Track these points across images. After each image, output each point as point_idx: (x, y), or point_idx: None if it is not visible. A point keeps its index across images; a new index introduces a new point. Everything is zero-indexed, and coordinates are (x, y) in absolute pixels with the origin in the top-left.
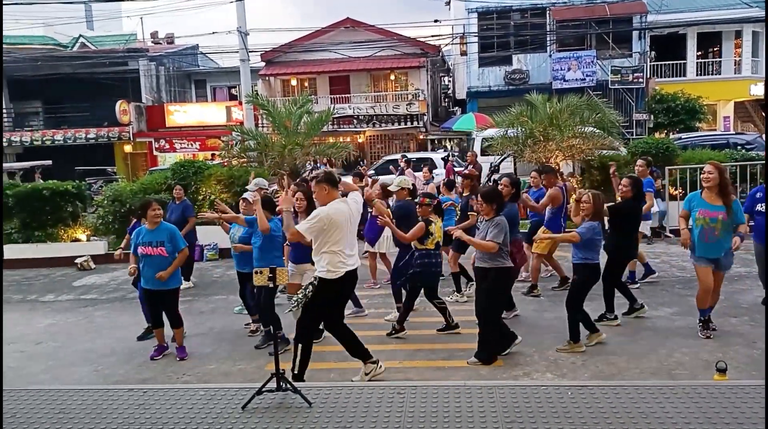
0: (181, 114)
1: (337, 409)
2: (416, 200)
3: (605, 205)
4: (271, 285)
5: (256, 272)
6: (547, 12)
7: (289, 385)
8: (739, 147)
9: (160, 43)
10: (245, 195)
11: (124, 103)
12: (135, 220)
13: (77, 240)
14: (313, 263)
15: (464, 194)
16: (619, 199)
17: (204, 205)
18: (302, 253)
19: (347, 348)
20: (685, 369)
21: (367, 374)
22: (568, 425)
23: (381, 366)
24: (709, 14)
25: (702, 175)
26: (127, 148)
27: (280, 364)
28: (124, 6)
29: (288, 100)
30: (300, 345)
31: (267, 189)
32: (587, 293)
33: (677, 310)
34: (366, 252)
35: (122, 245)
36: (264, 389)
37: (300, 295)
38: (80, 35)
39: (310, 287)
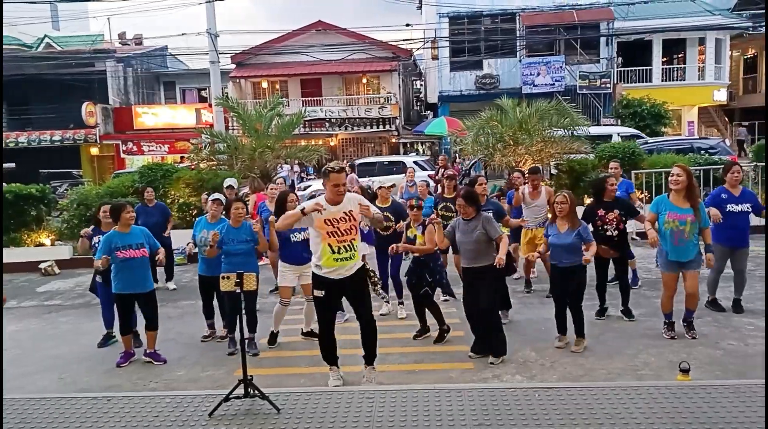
0: (150, 116)
1: (306, 414)
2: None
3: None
4: (238, 290)
5: (223, 277)
6: (517, 17)
7: (257, 391)
8: (702, 151)
9: (128, 44)
10: (216, 196)
11: (91, 105)
12: (93, 226)
13: (41, 244)
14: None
15: (445, 195)
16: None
17: (172, 208)
18: (299, 254)
19: (327, 352)
20: (651, 369)
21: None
22: (535, 427)
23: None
24: (673, 21)
25: (670, 178)
26: (94, 151)
27: (248, 370)
28: (91, 6)
29: (259, 103)
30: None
31: (236, 189)
32: None
33: (643, 312)
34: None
35: (80, 249)
36: (231, 396)
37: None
38: (45, 35)
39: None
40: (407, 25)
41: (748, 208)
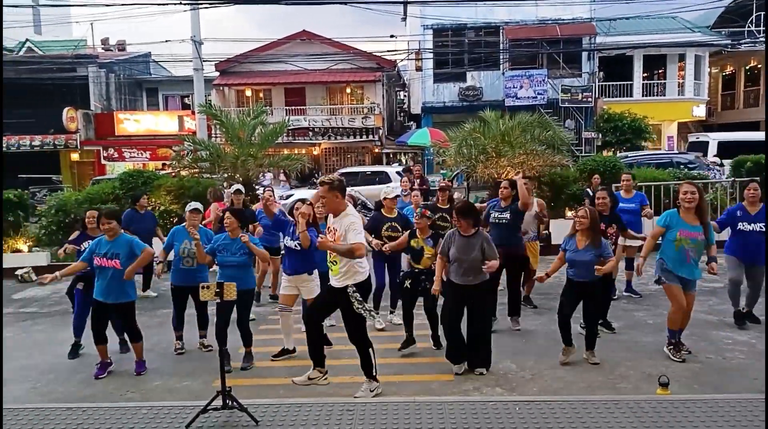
0: (132, 122)
1: (285, 427)
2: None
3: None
4: (218, 300)
5: (203, 287)
6: (501, 31)
7: (235, 403)
8: (681, 166)
9: (111, 50)
10: (195, 205)
11: (72, 110)
12: (80, 232)
13: (18, 251)
14: (310, 273)
15: (439, 205)
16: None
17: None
18: (299, 263)
19: (312, 347)
20: (630, 383)
21: (310, 379)
22: None
23: (326, 379)
24: (654, 38)
25: (683, 196)
26: (74, 157)
27: (227, 382)
28: (74, 11)
29: (242, 111)
30: (370, 349)
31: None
32: None
33: (622, 325)
34: None
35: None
36: (209, 407)
37: (361, 306)
38: (27, 39)
39: (355, 297)
40: (391, 36)
41: (761, 227)
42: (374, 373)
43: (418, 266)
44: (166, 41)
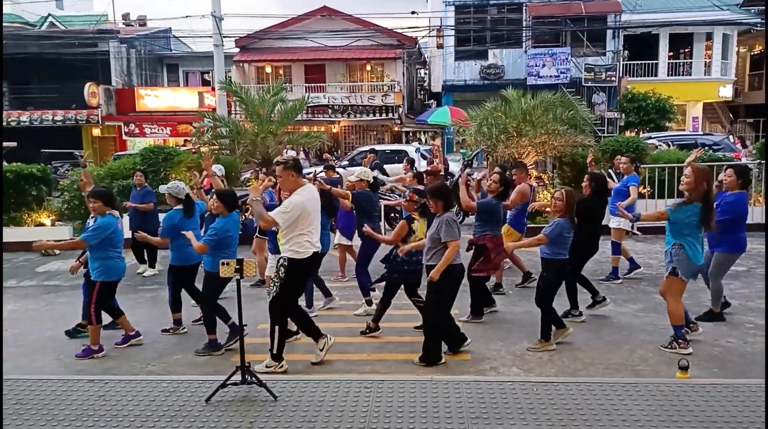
0: (152, 98)
1: (303, 403)
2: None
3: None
4: (238, 276)
5: (223, 263)
6: (524, 8)
7: (254, 378)
8: (706, 147)
9: (132, 26)
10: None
11: (93, 86)
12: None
13: (41, 225)
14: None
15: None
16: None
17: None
18: None
19: (303, 327)
20: (649, 365)
21: (321, 350)
22: (532, 421)
23: (331, 338)
24: (681, 16)
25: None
26: (96, 132)
27: (246, 357)
28: None
29: (262, 88)
30: (278, 327)
31: (221, 175)
32: (557, 290)
33: (642, 307)
34: (337, 244)
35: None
36: (229, 382)
37: (275, 279)
38: (49, 14)
39: (282, 269)
40: (413, 12)
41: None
42: (275, 352)
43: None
44: (187, 17)
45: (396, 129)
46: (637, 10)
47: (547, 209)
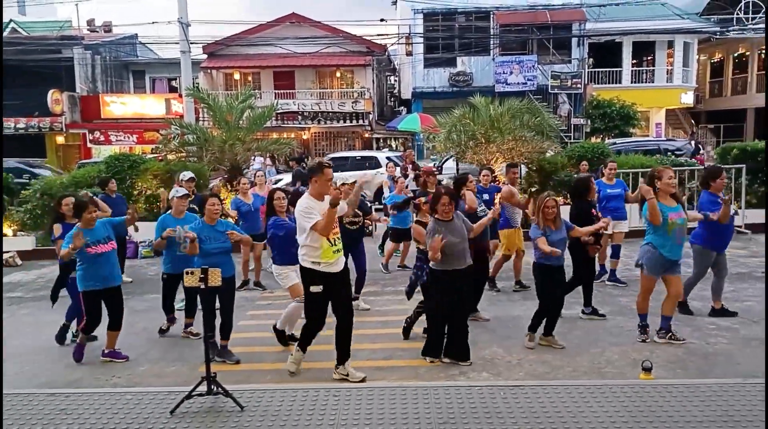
0: (118, 105)
1: (270, 412)
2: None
3: None
4: (202, 286)
5: (187, 273)
6: (491, 16)
7: (220, 389)
8: (669, 153)
9: (97, 32)
10: (183, 191)
11: (57, 92)
12: (62, 225)
13: (3, 235)
14: None
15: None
16: None
17: (139, 201)
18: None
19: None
20: (615, 367)
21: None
22: (499, 425)
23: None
24: (643, 24)
25: (670, 181)
26: (60, 140)
27: (213, 368)
28: None
29: (230, 94)
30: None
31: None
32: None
33: (608, 310)
34: None
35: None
36: (194, 393)
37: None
38: (11, 20)
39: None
40: (382, 20)
41: None
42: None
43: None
44: (153, 23)
45: (366, 135)
46: (600, 18)
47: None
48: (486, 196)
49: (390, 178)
